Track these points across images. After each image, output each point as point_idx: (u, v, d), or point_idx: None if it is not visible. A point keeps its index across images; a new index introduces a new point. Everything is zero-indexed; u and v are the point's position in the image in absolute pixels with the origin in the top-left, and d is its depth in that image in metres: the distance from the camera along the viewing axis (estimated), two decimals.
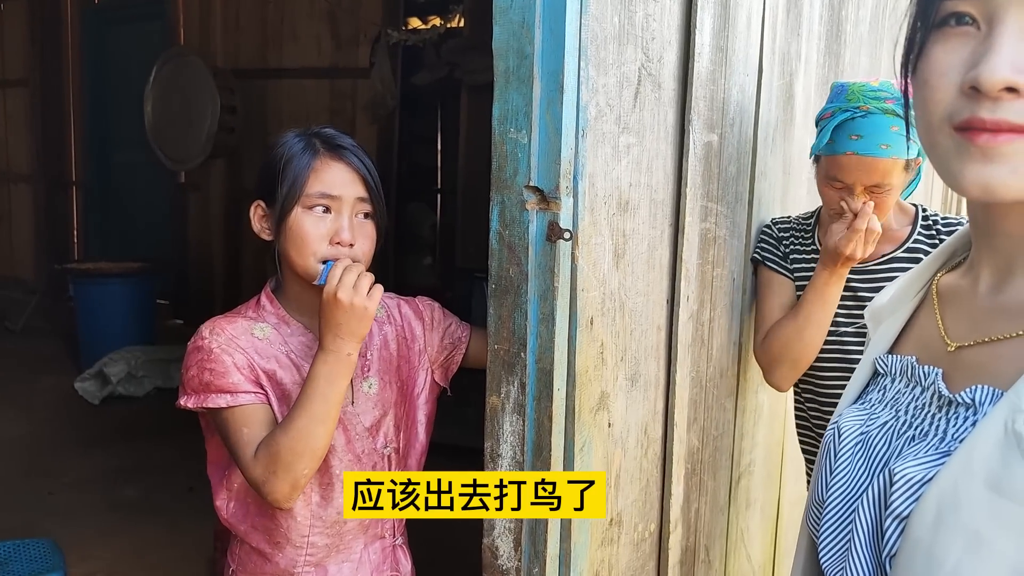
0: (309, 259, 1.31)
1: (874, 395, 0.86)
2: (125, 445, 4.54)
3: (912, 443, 0.75)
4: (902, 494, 0.70)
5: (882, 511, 0.73)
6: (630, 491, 1.44)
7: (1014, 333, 0.71)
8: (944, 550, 0.64)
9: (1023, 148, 0.63)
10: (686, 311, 1.52)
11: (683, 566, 1.68)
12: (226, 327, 1.34)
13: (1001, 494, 0.62)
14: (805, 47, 2.02)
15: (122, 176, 7.30)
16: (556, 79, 1.12)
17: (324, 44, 6.03)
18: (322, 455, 1.26)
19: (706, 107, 1.51)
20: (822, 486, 0.84)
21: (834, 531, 0.80)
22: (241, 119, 6.11)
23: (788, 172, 2.04)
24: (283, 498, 1.25)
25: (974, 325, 0.77)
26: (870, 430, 0.82)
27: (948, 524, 0.65)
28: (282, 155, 1.34)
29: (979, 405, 0.71)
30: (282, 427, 1.24)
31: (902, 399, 0.80)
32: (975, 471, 0.64)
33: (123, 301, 5.74)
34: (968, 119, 0.64)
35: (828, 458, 0.84)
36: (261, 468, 1.24)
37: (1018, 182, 0.64)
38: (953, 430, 0.72)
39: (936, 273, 0.86)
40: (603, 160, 1.23)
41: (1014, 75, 0.62)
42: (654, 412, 1.49)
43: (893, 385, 0.83)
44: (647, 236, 1.39)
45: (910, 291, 0.88)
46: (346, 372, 1.26)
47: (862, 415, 0.84)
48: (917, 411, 0.77)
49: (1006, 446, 0.63)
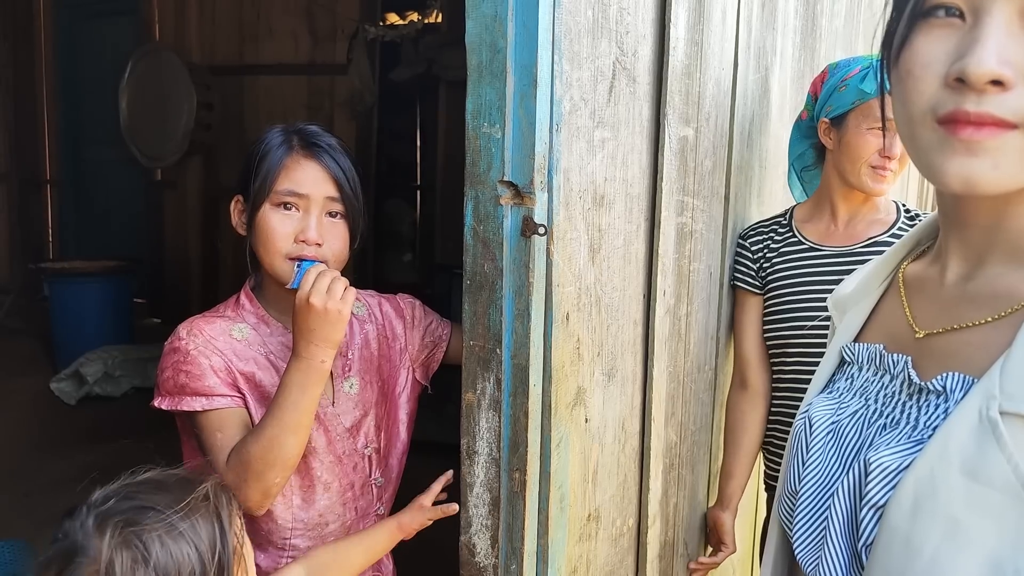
0: (275, 256, 1.30)
1: (841, 384, 0.85)
2: (103, 445, 4.48)
3: (884, 431, 0.76)
4: (878, 483, 0.70)
5: (857, 501, 0.73)
6: (608, 486, 1.43)
7: (983, 320, 0.71)
8: (922, 538, 0.65)
9: (1005, 142, 0.63)
10: (663, 306, 1.52)
11: (662, 560, 1.68)
12: (204, 328, 1.32)
13: (977, 480, 0.63)
14: (780, 41, 2.03)
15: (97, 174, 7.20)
16: (529, 73, 1.11)
17: (301, 40, 5.98)
18: (294, 464, 1.24)
19: (681, 101, 1.50)
20: (794, 477, 0.84)
21: (808, 522, 0.80)
22: (218, 116, 6.05)
23: (764, 166, 2.04)
24: (255, 505, 1.23)
25: (942, 313, 0.77)
26: (840, 419, 0.82)
27: (926, 511, 0.65)
28: (259, 150, 1.32)
29: (950, 392, 0.71)
30: (253, 435, 1.22)
31: (871, 387, 0.80)
32: (951, 458, 0.64)
33: (99, 300, 5.67)
34: (952, 112, 0.64)
35: (800, 448, 0.84)
36: (232, 475, 1.22)
37: (999, 176, 0.64)
38: (925, 418, 0.72)
39: (901, 261, 0.86)
40: (578, 155, 1.22)
41: (1000, 67, 0.61)
42: (631, 407, 1.49)
43: (861, 374, 0.83)
44: (623, 231, 1.38)
45: (875, 280, 0.88)
46: (319, 380, 1.23)
47: (831, 404, 0.84)
48: (887, 399, 0.77)
49: (981, 433, 0.63)
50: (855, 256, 1.74)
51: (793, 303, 1.77)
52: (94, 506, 0.98)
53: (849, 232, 1.78)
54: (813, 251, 1.79)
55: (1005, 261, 0.72)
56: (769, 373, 1.85)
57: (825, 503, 0.78)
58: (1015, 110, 0.62)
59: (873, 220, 1.77)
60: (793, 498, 0.83)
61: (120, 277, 5.86)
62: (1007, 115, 0.62)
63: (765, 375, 1.85)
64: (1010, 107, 0.62)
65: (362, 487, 1.42)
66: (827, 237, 1.79)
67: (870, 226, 1.76)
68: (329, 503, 1.37)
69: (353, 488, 1.40)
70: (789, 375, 1.80)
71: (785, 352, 1.79)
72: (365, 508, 1.44)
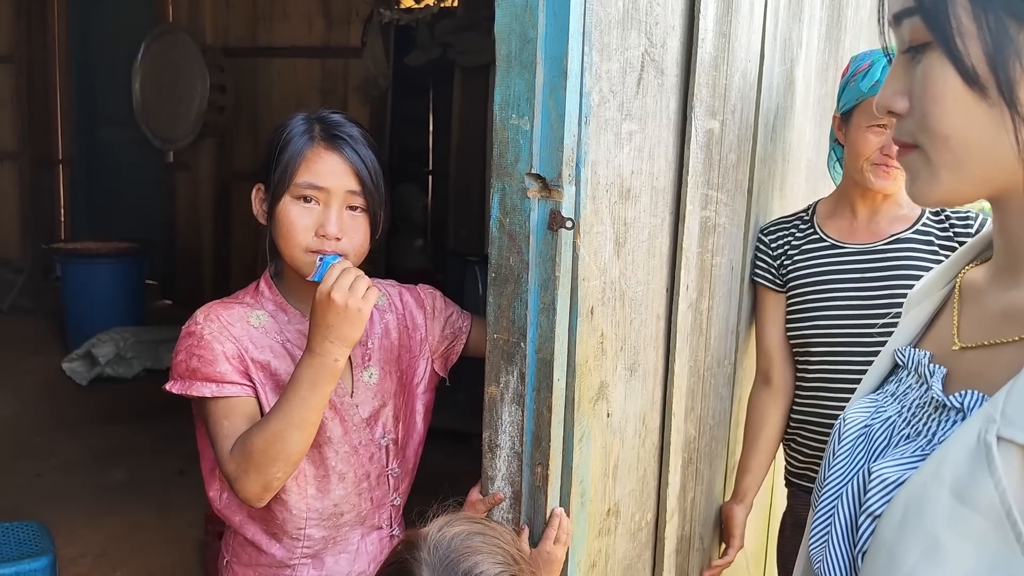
0: (295, 249, 1.28)
1: (891, 387, 0.85)
2: (114, 427, 4.51)
3: (905, 441, 0.75)
4: (877, 493, 0.71)
5: (858, 507, 0.73)
6: (628, 481, 1.43)
7: (1014, 338, 0.70)
8: (904, 553, 0.65)
9: (912, 161, 0.72)
10: (685, 300, 1.50)
11: (679, 555, 1.67)
12: (222, 313, 1.31)
13: (964, 503, 0.62)
14: (806, 32, 2.00)
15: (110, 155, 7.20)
16: (559, 64, 1.10)
17: (315, 23, 5.96)
18: (297, 460, 1.23)
19: (708, 94, 1.48)
20: (822, 473, 0.84)
21: (823, 519, 0.81)
22: (231, 98, 6.04)
23: (787, 159, 2.02)
24: (254, 497, 1.22)
25: (982, 326, 0.76)
26: (873, 423, 0.81)
27: (911, 527, 0.65)
28: (281, 138, 1.30)
29: (967, 411, 0.70)
30: (258, 427, 1.21)
31: (911, 395, 0.80)
32: (944, 477, 0.64)
33: (111, 281, 5.69)
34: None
35: (831, 446, 0.85)
36: (234, 465, 1.21)
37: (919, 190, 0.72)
38: (941, 434, 0.71)
39: (965, 267, 0.85)
40: (605, 147, 1.21)
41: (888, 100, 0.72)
42: (652, 402, 1.48)
43: (906, 379, 0.82)
44: (648, 224, 1.37)
45: (939, 283, 0.87)
46: (331, 378, 1.21)
47: (869, 408, 0.84)
48: (919, 409, 0.77)
49: (975, 455, 0.62)
50: (878, 254, 1.71)
51: (815, 301, 1.75)
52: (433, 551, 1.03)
53: (871, 229, 1.75)
54: (835, 248, 1.76)
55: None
56: (792, 370, 1.83)
57: (836, 504, 0.79)
58: (909, 132, 0.71)
59: (896, 216, 1.73)
60: (819, 493, 0.83)
61: (132, 258, 5.87)
62: (905, 137, 0.72)
63: (788, 372, 1.83)
64: (906, 130, 0.72)
65: (378, 477, 1.42)
66: (849, 234, 1.77)
67: (892, 223, 1.73)
68: (344, 493, 1.36)
69: (369, 478, 1.40)
70: (814, 374, 1.78)
71: (808, 351, 1.78)
72: (381, 498, 1.43)
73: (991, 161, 0.68)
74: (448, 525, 1.06)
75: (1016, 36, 0.63)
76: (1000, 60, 0.64)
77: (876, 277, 1.69)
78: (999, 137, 0.66)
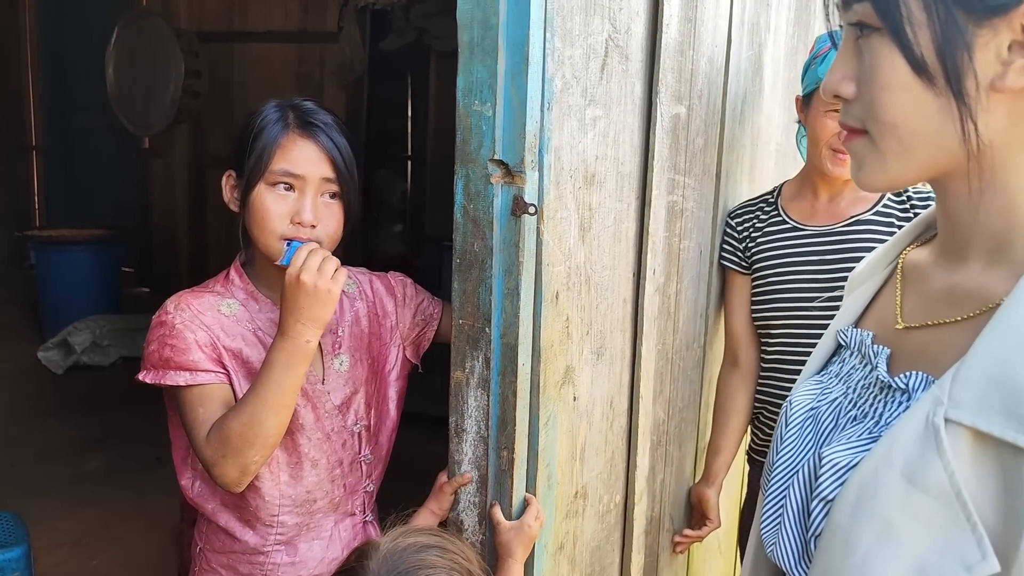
0: (270, 237, 1.29)
1: (835, 368, 0.86)
2: (90, 415, 4.48)
3: (853, 423, 0.76)
4: (829, 477, 0.71)
5: (810, 491, 0.74)
6: (595, 464, 1.44)
7: (956, 318, 0.71)
8: (858, 537, 0.66)
9: (859, 146, 0.72)
10: (652, 284, 1.52)
11: (648, 536, 1.70)
12: (192, 302, 1.31)
13: (915, 485, 0.63)
14: (775, 17, 2.01)
15: (84, 141, 7.13)
16: (521, 51, 1.10)
17: (291, 7, 5.91)
18: (274, 443, 1.24)
19: (674, 79, 1.49)
20: (770, 457, 0.85)
21: (774, 503, 0.81)
22: (206, 83, 5.98)
23: (756, 144, 2.04)
24: (232, 482, 1.23)
25: (926, 306, 0.76)
26: (820, 405, 0.82)
27: (864, 511, 0.66)
28: (254, 126, 1.30)
29: (913, 392, 0.71)
30: (234, 412, 1.22)
31: (855, 376, 0.80)
32: (895, 461, 0.65)
33: (86, 269, 5.64)
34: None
35: (779, 429, 0.85)
36: (211, 451, 1.21)
37: (865, 175, 0.72)
38: (888, 415, 0.72)
39: (907, 247, 0.86)
40: (569, 133, 1.21)
41: (835, 84, 0.72)
42: (620, 385, 1.50)
43: (850, 360, 0.83)
44: (613, 209, 1.38)
45: (881, 263, 0.88)
46: (304, 360, 1.22)
47: (815, 389, 0.84)
48: (864, 390, 0.77)
49: (925, 438, 0.63)
50: (837, 235, 1.73)
51: (776, 283, 1.77)
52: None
53: (832, 210, 1.76)
54: (796, 230, 1.77)
55: (983, 256, 0.72)
56: (759, 352, 1.86)
57: (787, 488, 0.79)
58: (857, 117, 0.71)
59: (857, 198, 1.74)
60: (768, 476, 0.84)
61: (108, 245, 5.83)
62: (853, 122, 0.72)
63: (755, 354, 1.86)
64: (854, 115, 0.72)
65: (351, 464, 1.42)
66: (810, 216, 1.78)
67: (853, 204, 1.74)
68: (317, 480, 1.37)
69: (342, 465, 1.41)
70: (773, 354, 1.81)
71: (770, 332, 1.80)
72: (354, 485, 1.44)
73: (937, 148, 0.68)
74: (404, 536, 1.07)
75: (965, 26, 0.64)
76: (949, 50, 0.64)
77: (835, 259, 1.71)
78: (945, 125, 0.67)
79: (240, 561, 1.38)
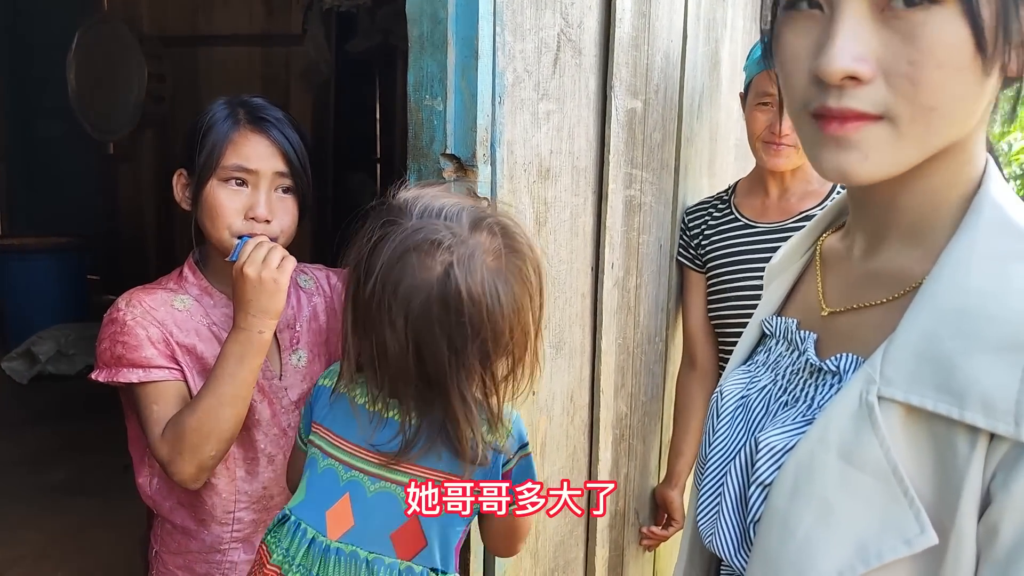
0: (223, 232, 1.28)
1: (760, 357, 0.86)
2: (56, 425, 4.41)
3: (784, 409, 0.76)
4: (766, 462, 0.71)
5: (748, 477, 0.74)
6: (557, 458, 1.44)
7: (879, 300, 0.72)
8: (797, 519, 0.66)
9: (871, 134, 0.63)
10: (611, 278, 1.52)
11: (612, 530, 1.70)
12: (144, 299, 1.30)
13: (852, 464, 0.64)
14: (731, 13, 2.03)
15: (47, 148, 7.02)
16: (471, 45, 1.10)
17: (255, 10, 5.85)
18: (231, 437, 1.23)
19: (629, 73, 1.50)
20: (703, 449, 0.85)
21: (710, 493, 0.81)
22: (170, 88, 5.91)
23: (715, 139, 2.05)
24: (189, 479, 1.22)
25: (848, 290, 0.77)
26: (750, 393, 0.82)
27: (802, 493, 0.66)
28: (204, 123, 1.29)
29: (843, 373, 0.71)
30: (190, 407, 1.21)
31: (782, 363, 0.81)
32: (830, 441, 0.65)
33: (51, 277, 5.56)
34: (818, 107, 0.64)
35: (711, 420, 0.85)
36: (167, 448, 1.20)
37: (871, 167, 0.64)
38: (820, 398, 0.73)
39: (822, 233, 0.86)
40: (522, 127, 1.22)
41: (854, 64, 0.61)
42: (580, 379, 1.50)
43: (776, 348, 0.83)
44: (569, 204, 1.38)
45: (798, 252, 0.88)
46: (258, 352, 1.22)
47: (744, 378, 0.85)
48: (793, 376, 0.78)
49: (859, 416, 0.64)
50: (788, 232, 1.72)
51: (729, 281, 1.77)
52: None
53: (782, 207, 1.76)
54: (748, 228, 1.78)
55: (901, 239, 0.73)
56: (716, 350, 1.86)
57: (724, 476, 0.79)
58: (875, 102, 0.62)
59: (806, 193, 1.74)
60: (702, 469, 0.84)
61: (73, 253, 5.74)
62: (868, 108, 0.62)
63: (712, 353, 1.86)
64: (870, 100, 0.62)
65: None
66: (762, 213, 1.78)
67: (803, 199, 1.74)
68: (273, 476, 1.36)
69: None
70: (729, 352, 1.82)
71: (724, 330, 1.80)
72: None
73: (954, 134, 0.65)
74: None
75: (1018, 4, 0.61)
76: (1006, 28, 0.61)
77: None
78: (973, 109, 0.64)
79: (197, 560, 1.37)
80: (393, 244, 0.91)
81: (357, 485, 0.99)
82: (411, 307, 0.90)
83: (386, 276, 0.91)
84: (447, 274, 0.89)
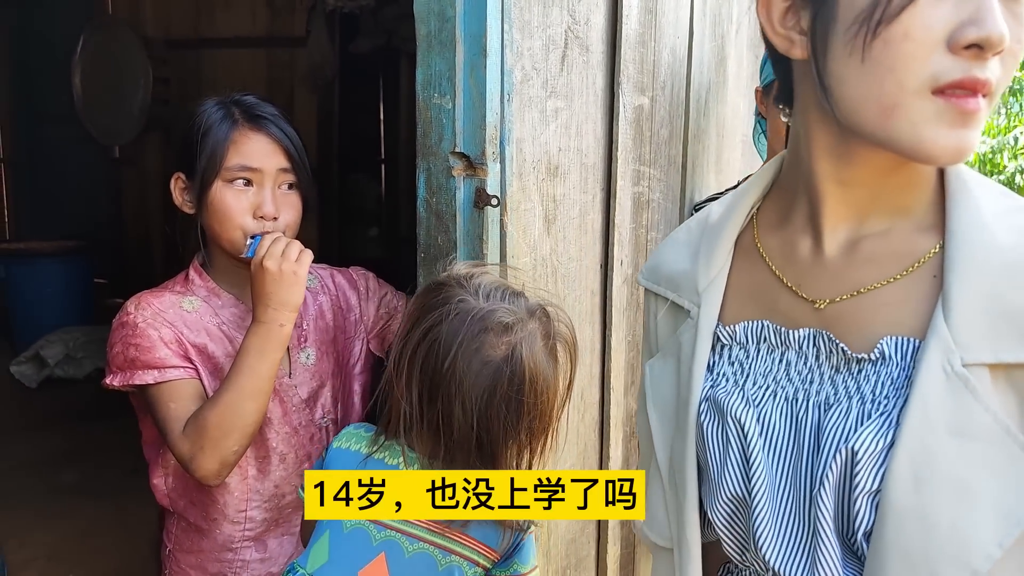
0: (236, 233, 1.28)
1: (726, 368, 0.82)
2: (66, 428, 4.42)
3: (830, 412, 0.72)
4: (866, 468, 0.67)
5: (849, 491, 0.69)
6: (567, 456, 1.44)
7: (891, 278, 0.72)
8: (936, 509, 0.64)
9: (983, 109, 0.63)
10: (620, 275, 1.52)
11: (624, 527, 1.70)
12: (152, 301, 1.30)
13: (965, 437, 0.63)
14: (736, 9, 2.03)
15: (53, 152, 7.03)
16: (479, 43, 1.10)
17: (259, 12, 5.86)
18: (253, 432, 1.23)
19: (636, 70, 1.50)
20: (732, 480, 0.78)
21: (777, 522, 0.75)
22: (175, 91, 5.93)
23: (722, 135, 2.05)
24: (211, 475, 1.21)
25: (837, 279, 0.75)
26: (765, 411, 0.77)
27: (929, 482, 0.64)
28: (200, 125, 1.29)
29: (888, 358, 0.69)
30: (211, 402, 1.21)
31: (774, 368, 0.78)
32: (934, 423, 0.64)
33: (58, 281, 5.57)
34: (960, 80, 0.61)
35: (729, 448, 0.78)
36: (189, 444, 1.20)
37: (975, 142, 0.64)
38: (869, 389, 0.70)
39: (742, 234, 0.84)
40: (530, 125, 1.22)
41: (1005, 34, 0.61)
42: (590, 376, 1.50)
43: (754, 356, 0.80)
44: (578, 201, 1.38)
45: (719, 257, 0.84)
46: (278, 345, 1.22)
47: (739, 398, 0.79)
48: (818, 376, 0.74)
49: (953, 390, 0.64)
50: None
51: None
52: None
53: None
54: None
55: (888, 217, 0.73)
56: None
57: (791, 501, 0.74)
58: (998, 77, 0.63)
59: None
60: (734, 503, 0.78)
61: (80, 257, 5.76)
62: (993, 81, 0.62)
63: None
64: (994, 73, 0.62)
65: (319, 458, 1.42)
66: None
67: None
68: (285, 474, 1.36)
69: (310, 459, 1.40)
70: None
71: None
72: None
73: None
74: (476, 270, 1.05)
75: None
76: None
77: None
78: None
79: (209, 559, 1.37)
80: (469, 321, 0.96)
81: (395, 546, 1.01)
82: (483, 382, 0.95)
83: (464, 352, 0.95)
84: (513, 355, 0.96)
